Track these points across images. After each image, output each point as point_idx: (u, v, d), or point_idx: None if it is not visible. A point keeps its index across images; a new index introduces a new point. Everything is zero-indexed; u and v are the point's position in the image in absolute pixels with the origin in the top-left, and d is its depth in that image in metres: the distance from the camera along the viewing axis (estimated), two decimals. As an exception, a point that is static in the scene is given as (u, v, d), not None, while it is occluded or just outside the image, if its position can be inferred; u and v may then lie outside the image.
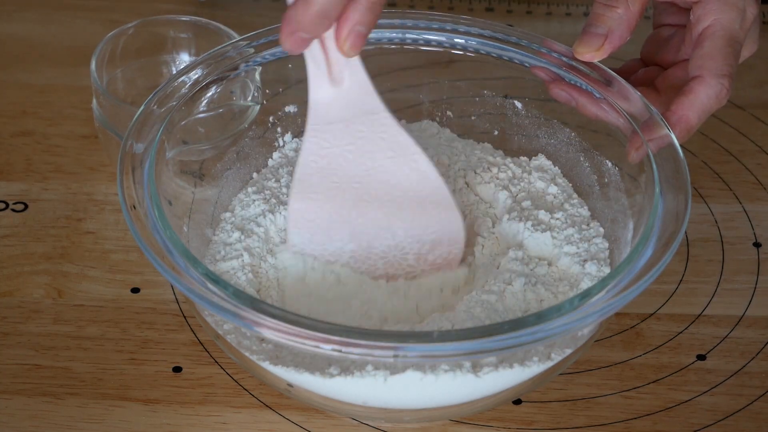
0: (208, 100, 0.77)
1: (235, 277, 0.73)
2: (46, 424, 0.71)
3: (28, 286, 0.79)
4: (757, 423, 0.72)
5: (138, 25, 0.89)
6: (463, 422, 0.72)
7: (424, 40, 0.81)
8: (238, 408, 0.72)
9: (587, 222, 0.77)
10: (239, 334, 0.69)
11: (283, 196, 0.78)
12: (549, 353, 0.68)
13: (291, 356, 0.68)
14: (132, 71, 0.90)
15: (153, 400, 0.72)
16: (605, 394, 0.73)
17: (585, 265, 0.73)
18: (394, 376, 0.66)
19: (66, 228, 0.83)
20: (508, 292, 0.71)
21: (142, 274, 0.80)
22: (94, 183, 0.87)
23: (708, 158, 0.90)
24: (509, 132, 0.83)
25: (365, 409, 0.69)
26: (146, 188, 0.70)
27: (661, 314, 0.78)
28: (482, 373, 0.66)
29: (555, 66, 0.78)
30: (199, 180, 0.78)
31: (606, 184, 0.78)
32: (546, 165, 0.81)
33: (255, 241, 0.75)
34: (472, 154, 0.82)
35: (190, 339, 0.76)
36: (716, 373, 0.75)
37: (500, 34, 0.80)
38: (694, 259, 0.82)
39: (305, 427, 0.71)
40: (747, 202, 0.86)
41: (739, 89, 0.96)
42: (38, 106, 0.93)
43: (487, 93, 0.83)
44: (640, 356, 0.76)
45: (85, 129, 0.91)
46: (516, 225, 0.76)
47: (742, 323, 0.78)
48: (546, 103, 0.81)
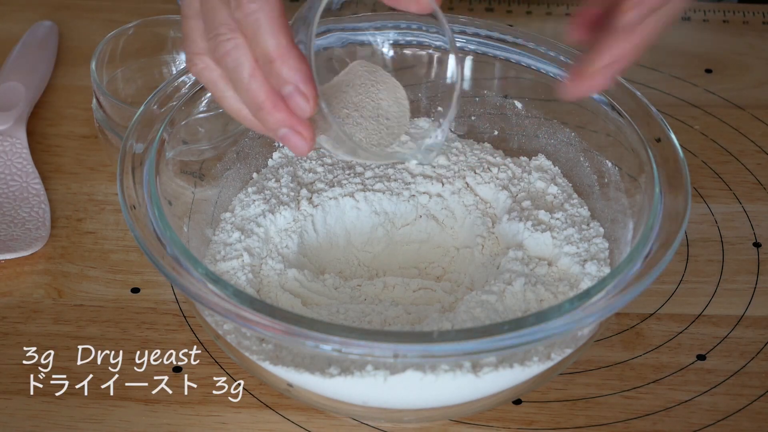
0: (208, 100, 0.77)
1: (235, 277, 0.73)
2: (46, 424, 0.71)
3: (28, 286, 0.79)
4: (757, 423, 0.72)
5: (138, 25, 0.89)
6: (463, 422, 0.72)
7: (424, 40, 0.81)
8: (238, 408, 0.72)
9: (587, 222, 0.77)
10: (239, 334, 0.69)
11: (283, 196, 0.78)
12: (549, 353, 0.68)
13: (291, 356, 0.68)
14: (132, 71, 0.90)
15: (153, 400, 0.72)
16: (605, 394, 0.73)
17: (585, 265, 0.73)
18: (394, 376, 0.66)
19: (66, 228, 0.83)
20: (508, 292, 0.71)
21: (142, 274, 0.80)
22: (94, 183, 0.87)
23: (708, 158, 0.90)
24: (509, 132, 0.83)
25: (365, 409, 0.69)
26: (146, 188, 0.70)
27: (661, 314, 0.78)
28: (482, 373, 0.66)
29: (554, 66, 0.78)
30: (199, 180, 0.78)
31: (606, 184, 0.78)
32: (546, 165, 0.81)
33: (255, 241, 0.75)
34: (472, 154, 0.82)
35: (190, 339, 0.76)
36: (716, 373, 0.75)
37: (500, 34, 0.80)
38: (694, 259, 0.82)
39: (305, 427, 0.71)
40: (747, 202, 0.86)
41: (739, 89, 0.96)
42: (38, 106, 0.92)
43: (487, 93, 0.83)
44: (640, 356, 0.76)
45: (85, 129, 0.91)
46: (516, 225, 0.76)
47: (742, 323, 0.78)
48: (546, 103, 0.81)
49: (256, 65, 0.61)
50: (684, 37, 1.02)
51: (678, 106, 0.94)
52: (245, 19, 0.61)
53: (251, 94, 0.62)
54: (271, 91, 0.62)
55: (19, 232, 0.81)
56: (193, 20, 0.63)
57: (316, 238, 0.78)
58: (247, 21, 0.61)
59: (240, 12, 0.61)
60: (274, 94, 0.62)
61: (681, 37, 1.02)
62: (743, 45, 1.01)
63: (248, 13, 0.60)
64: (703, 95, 0.96)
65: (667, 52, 1.00)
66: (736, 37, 1.02)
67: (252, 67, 0.61)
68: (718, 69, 0.99)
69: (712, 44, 1.01)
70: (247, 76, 0.61)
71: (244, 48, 0.61)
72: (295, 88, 0.61)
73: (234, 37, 0.61)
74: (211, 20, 0.62)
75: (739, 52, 1.01)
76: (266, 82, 0.62)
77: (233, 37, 0.61)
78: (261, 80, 0.62)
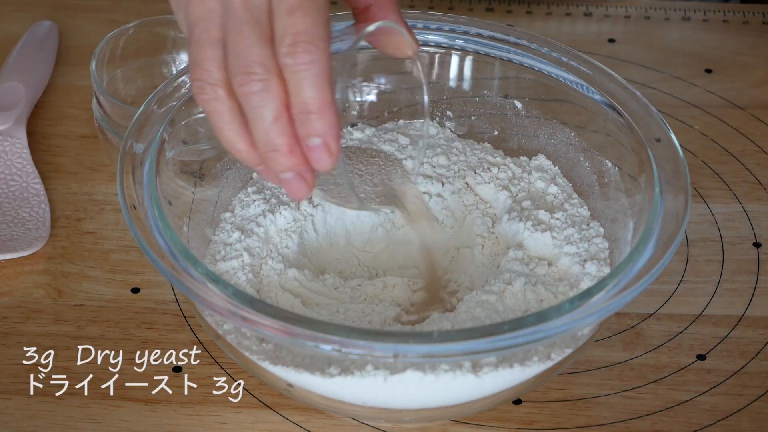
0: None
1: (235, 277, 0.73)
2: (46, 424, 0.71)
3: (28, 286, 0.79)
4: (757, 423, 0.72)
5: (138, 25, 0.89)
6: (463, 422, 0.72)
7: (424, 40, 0.81)
8: (238, 408, 0.72)
9: (587, 222, 0.77)
10: (239, 334, 0.69)
11: (283, 196, 0.78)
12: (549, 353, 0.68)
13: (291, 356, 0.68)
14: (132, 71, 0.90)
15: (153, 400, 0.72)
16: (605, 394, 0.73)
17: (585, 265, 0.73)
18: (394, 376, 0.66)
19: (66, 228, 0.83)
20: (508, 292, 0.71)
21: (142, 274, 0.80)
22: (94, 183, 0.87)
23: (708, 158, 0.90)
24: (509, 132, 0.83)
25: (365, 409, 0.69)
26: (146, 188, 0.70)
27: (661, 314, 0.78)
28: (482, 373, 0.66)
29: (555, 66, 0.78)
30: (199, 180, 0.78)
31: (606, 184, 0.78)
32: (546, 165, 0.81)
33: (255, 241, 0.75)
34: (472, 154, 0.82)
35: (190, 339, 0.76)
36: (716, 373, 0.75)
37: (500, 34, 0.80)
38: (694, 259, 0.82)
39: (305, 427, 0.71)
40: (747, 202, 0.86)
41: (739, 89, 0.96)
42: (38, 106, 0.92)
43: (487, 93, 0.83)
44: (640, 356, 0.76)
45: (85, 129, 0.91)
46: (516, 225, 0.76)
47: (742, 323, 0.78)
48: (546, 103, 0.81)
49: (284, 110, 0.61)
50: (684, 37, 1.02)
51: (678, 106, 0.94)
52: (295, 67, 0.61)
53: (269, 136, 0.62)
54: (292, 137, 0.62)
55: (19, 232, 0.81)
56: (210, 49, 0.62)
57: (316, 238, 0.78)
58: (297, 69, 0.61)
59: (291, 59, 0.60)
60: (294, 139, 0.62)
61: (681, 37, 1.02)
62: (743, 45, 1.01)
63: (301, 62, 0.60)
64: (703, 95, 0.96)
65: (667, 52, 1.01)
66: (736, 37, 1.02)
67: (279, 111, 0.61)
68: (718, 69, 0.99)
69: (712, 44, 1.01)
70: (270, 118, 0.61)
71: (276, 91, 0.61)
72: (324, 142, 0.62)
73: (269, 78, 0.61)
74: (241, 56, 0.61)
75: (739, 52, 1.01)
76: (289, 128, 0.62)
77: (268, 79, 0.61)
78: (285, 125, 0.62)
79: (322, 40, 0.61)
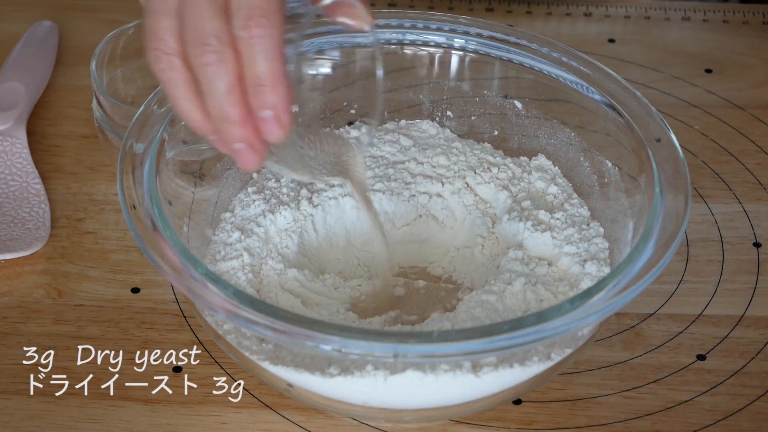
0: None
1: (235, 277, 0.73)
2: (46, 424, 0.71)
3: (28, 286, 0.79)
4: (757, 423, 0.72)
5: (138, 25, 0.89)
6: (463, 422, 0.72)
7: (424, 40, 0.81)
8: (238, 408, 0.72)
9: (587, 222, 0.77)
10: (239, 334, 0.69)
11: (283, 196, 0.78)
12: (549, 353, 0.68)
13: (291, 356, 0.68)
14: (132, 71, 0.90)
15: (153, 400, 0.72)
16: (605, 394, 0.73)
17: (585, 265, 0.73)
18: (394, 376, 0.66)
19: (66, 228, 0.83)
20: (508, 292, 0.71)
21: (142, 274, 0.80)
22: (94, 183, 0.87)
23: (708, 158, 0.90)
24: (509, 132, 0.83)
25: (365, 409, 0.69)
26: (146, 188, 0.70)
27: (661, 314, 0.78)
28: (482, 373, 0.66)
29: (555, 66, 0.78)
30: (199, 180, 0.78)
31: (606, 184, 0.78)
32: (546, 165, 0.81)
33: (255, 241, 0.75)
34: (472, 154, 0.82)
35: (190, 339, 0.76)
36: (716, 373, 0.75)
37: (500, 34, 0.80)
38: (694, 259, 0.82)
39: (305, 427, 0.71)
40: (747, 202, 0.86)
41: (739, 89, 0.96)
42: (38, 106, 0.92)
43: (487, 93, 0.83)
44: (640, 356, 0.76)
45: (85, 129, 0.91)
46: (516, 225, 0.76)
47: (742, 323, 0.78)
48: (546, 103, 0.81)
49: (237, 82, 0.62)
50: (684, 37, 1.02)
51: (678, 106, 0.94)
52: (249, 40, 0.61)
53: (222, 107, 0.63)
54: (245, 108, 0.63)
55: (19, 232, 0.81)
56: (166, 19, 0.63)
57: (316, 238, 0.78)
58: (250, 42, 0.61)
59: (245, 32, 0.61)
60: (246, 111, 0.63)
61: (681, 37, 1.02)
62: (743, 45, 1.01)
63: (253, 35, 0.61)
64: (703, 95, 0.96)
65: (667, 52, 1.01)
66: (736, 37, 1.02)
67: (232, 83, 0.62)
68: (718, 69, 0.99)
69: (712, 44, 1.01)
70: (224, 89, 0.62)
71: (230, 63, 0.62)
72: (275, 114, 0.63)
73: (223, 50, 0.62)
74: (197, 27, 0.62)
75: (739, 52, 1.01)
76: (242, 100, 0.63)
77: (222, 51, 0.62)
78: (238, 97, 0.62)
79: (275, 15, 0.62)
